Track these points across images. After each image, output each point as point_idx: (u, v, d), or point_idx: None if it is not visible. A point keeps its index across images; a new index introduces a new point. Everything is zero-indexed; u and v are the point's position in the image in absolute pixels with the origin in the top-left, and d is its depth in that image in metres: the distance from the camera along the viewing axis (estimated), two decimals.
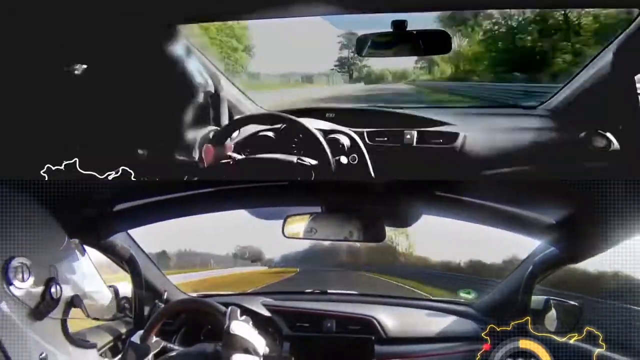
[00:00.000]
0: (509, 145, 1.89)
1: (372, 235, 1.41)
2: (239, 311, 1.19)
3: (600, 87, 1.83)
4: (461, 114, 2.16)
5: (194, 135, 1.98)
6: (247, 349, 1.12)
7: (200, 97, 2.04)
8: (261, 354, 1.15)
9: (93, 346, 1.24)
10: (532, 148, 1.88)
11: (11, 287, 0.96)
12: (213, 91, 1.96)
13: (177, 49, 1.78)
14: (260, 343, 1.15)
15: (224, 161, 1.60)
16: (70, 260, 1.13)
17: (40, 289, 1.00)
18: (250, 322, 1.20)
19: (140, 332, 1.35)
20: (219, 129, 1.78)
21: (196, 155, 1.62)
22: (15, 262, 0.97)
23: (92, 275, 1.31)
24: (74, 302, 1.10)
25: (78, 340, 1.13)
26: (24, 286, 0.97)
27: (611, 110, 1.72)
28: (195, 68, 1.91)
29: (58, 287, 1.03)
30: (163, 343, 1.35)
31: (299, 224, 1.41)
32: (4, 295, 0.95)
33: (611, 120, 1.87)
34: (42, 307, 1.00)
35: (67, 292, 1.08)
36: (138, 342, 1.32)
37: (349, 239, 1.41)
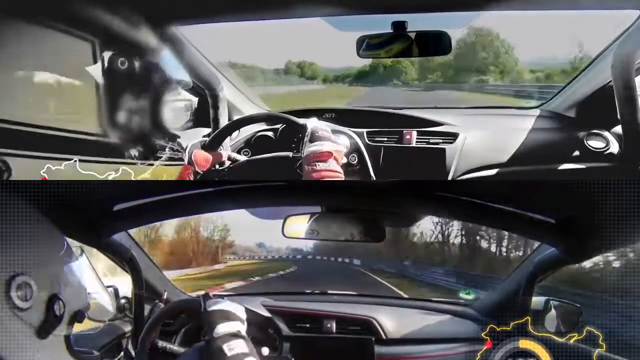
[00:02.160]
0: (509, 146, 1.89)
1: (372, 236, 1.41)
2: (210, 293, 1.19)
3: (600, 88, 1.84)
4: (461, 114, 2.16)
5: (194, 135, 1.98)
6: (228, 318, 1.11)
7: (200, 98, 2.04)
8: (243, 318, 1.14)
9: (97, 357, 1.21)
10: (532, 148, 1.88)
11: (14, 308, 0.89)
12: (212, 92, 1.96)
13: (177, 49, 1.78)
14: (239, 309, 1.15)
15: (220, 168, 1.59)
16: (72, 270, 1.06)
17: (43, 306, 0.94)
18: (225, 298, 1.19)
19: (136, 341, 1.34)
20: (218, 129, 1.77)
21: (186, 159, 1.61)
22: (18, 280, 0.90)
23: (92, 280, 1.25)
24: (77, 317, 1.04)
25: (82, 355, 1.09)
26: (27, 305, 0.91)
27: (611, 111, 1.73)
28: (195, 69, 1.91)
29: (61, 302, 0.97)
30: (160, 350, 1.34)
31: (299, 224, 1.41)
32: (8, 317, 0.89)
33: (611, 121, 1.87)
34: (46, 326, 0.95)
35: (70, 306, 1.01)
36: (135, 352, 1.31)
37: (349, 239, 1.42)
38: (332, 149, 1.36)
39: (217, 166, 1.59)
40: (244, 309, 1.17)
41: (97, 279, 1.29)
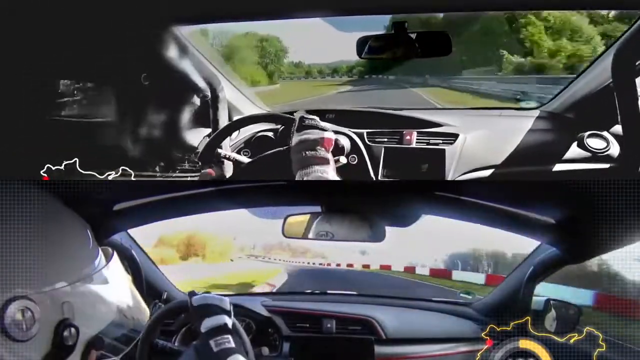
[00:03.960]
0: (509, 146, 1.89)
1: (372, 236, 1.41)
2: (194, 290, 1.19)
3: (600, 89, 1.84)
4: (461, 115, 2.16)
5: (194, 136, 1.98)
6: (212, 312, 1.11)
7: (200, 98, 2.05)
8: (229, 310, 1.13)
9: None
10: (532, 149, 1.88)
11: (10, 340, 0.71)
12: (212, 92, 1.96)
13: (176, 50, 1.78)
14: (223, 302, 1.14)
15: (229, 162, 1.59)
16: (94, 282, 0.85)
17: (49, 336, 0.75)
18: (212, 293, 1.19)
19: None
20: (218, 130, 1.78)
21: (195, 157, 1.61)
22: (15, 306, 0.72)
23: (123, 290, 0.99)
24: (96, 345, 0.84)
25: None
26: (28, 336, 0.72)
27: (611, 111, 1.73)
28: (195, 69, 1.91)
29: (73, 329, 0.77)
30: (159, 350, 1.33)
31: (298, 224, 1.41)
32: (3, 351, 0.72)
33: (611, 122, 1.87)
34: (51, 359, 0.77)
35: (86, 329, 0.81)
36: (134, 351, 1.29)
37: (348, 239, 1.42)
38: (319, 136, 1.35)
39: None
40: (229, 301, 1.16)
41: (129, 288, 1.04)
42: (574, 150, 1.87)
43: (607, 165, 1.84)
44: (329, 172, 1.30)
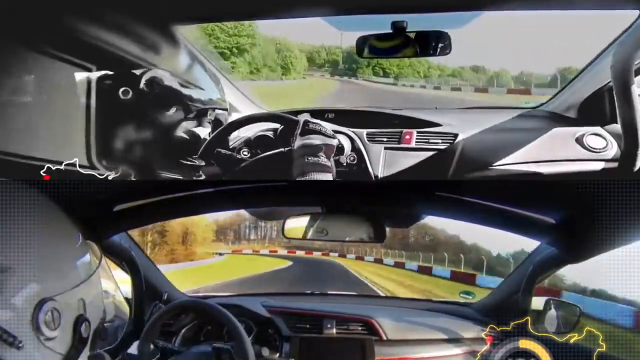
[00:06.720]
0: (509, 146, 1.89)
1: (373, 236, 1.41)
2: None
3: (600, 88, 1.84)
4: (461, 115, 2.16)
5: (193, 135, 1.98)
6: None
7: (200, 98, 2.04)
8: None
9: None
10: (532, 148, 1.88)
11: (42, 338, 0.78)
12: (212, 91, 1.96)
13: (176, 49, 1.78)
14: None
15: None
16: (94, 281, 0.93)
17: (70, 331, 0.83)
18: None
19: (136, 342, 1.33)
20: (218, 129, 1.77)
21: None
22: (46, 307, 0.79)
23: (112, 288, 1.12)
24: (102, 335, 0.92)
25: None
26: (55, 334, 0.80)
27: (611, 111, 1.73)
28: (195, 68, 1.91)
29: (87, 323, 0.85)
30: (159, 350, 1.33)
31: (299, 224, 1.41)
32: (36, 349, 0.78)
33: (610, 121, 1.87)
34: (73, 352, 0.83)
35: (94, 321, 0.89)
36: (135, 352, 1.30)
37: (349, 239, 1.42)
38: (322, 142, 1.35)
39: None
40: None
41: (116, 286, 1.16)
42: (573, 150, 1.87)
43: (606, 165, 1.84)
44: (329, 179, 1.30)
